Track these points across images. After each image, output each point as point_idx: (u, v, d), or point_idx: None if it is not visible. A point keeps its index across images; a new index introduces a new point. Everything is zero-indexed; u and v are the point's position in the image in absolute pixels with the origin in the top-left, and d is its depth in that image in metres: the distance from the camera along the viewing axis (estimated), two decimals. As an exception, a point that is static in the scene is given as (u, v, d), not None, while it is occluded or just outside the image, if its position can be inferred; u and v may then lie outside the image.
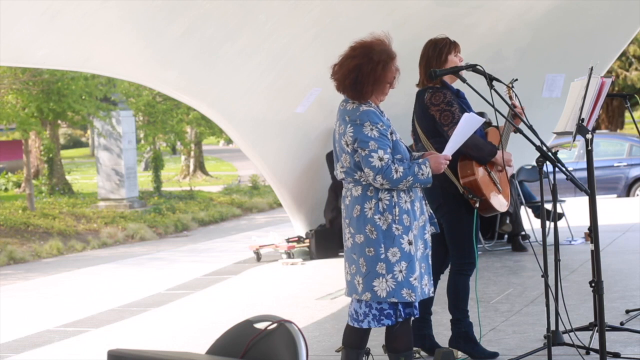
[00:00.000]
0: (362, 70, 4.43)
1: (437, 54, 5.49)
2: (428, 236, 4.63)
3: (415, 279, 4.46)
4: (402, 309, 4.51)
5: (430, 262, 4.64)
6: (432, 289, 4.68)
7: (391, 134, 4.48)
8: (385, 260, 4.43)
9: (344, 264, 4.63)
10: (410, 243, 4.46)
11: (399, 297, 4.44)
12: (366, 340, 4.66)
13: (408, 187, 4.47)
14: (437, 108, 5.38)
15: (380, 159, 4.39)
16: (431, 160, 4.52)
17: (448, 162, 4.62)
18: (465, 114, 4.86)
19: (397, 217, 4.45)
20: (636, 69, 30.39)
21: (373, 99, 4.52)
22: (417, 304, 4.55)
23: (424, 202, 4.63)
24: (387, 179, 4.39)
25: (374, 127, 4.42)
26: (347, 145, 4.48)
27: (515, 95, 5.53)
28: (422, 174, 4.46)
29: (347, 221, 4.56)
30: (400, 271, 4.43)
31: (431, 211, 4.75)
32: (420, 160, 4.52)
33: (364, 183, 4.49)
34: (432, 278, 4.68)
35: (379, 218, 4.45)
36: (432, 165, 4.50)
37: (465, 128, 4.78)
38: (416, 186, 4.50)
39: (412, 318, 4.63)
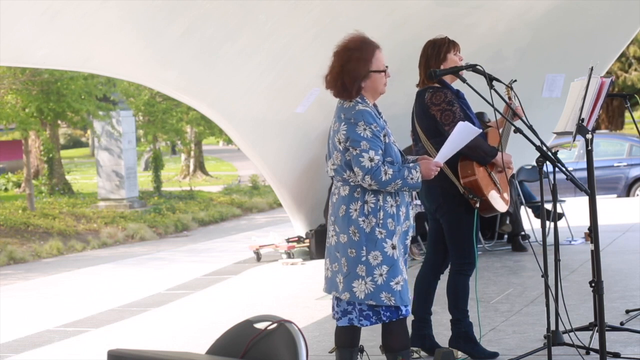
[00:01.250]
0: (342, 64, 4.42)
1: (436, 53, 5.49)
2: (408, 242, 4.62)
3: (397, 283, 4.43)
4: (383, 312, 4.46)
5: (406, 267, 4.61)
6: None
7: (384, 136, 4.45)
8: (365, 263, 4.41)
9: (325, 260, 4.61)
10: (394, 247, 4.44)
11: (377, 300, 4.42)
12: (358, 338, 4.64)
13: (396, 190, 4.45)
14: (438, 108, 5.38)
15: (371, 160, 4.36)
16: (422, 166, 4.50)
17: (439, 169, 4.61)
18: (460, 123, 4.82)
19: (381, 221, 4.42)
20: (636, 70, 30.37)
21: (367, 96, 4.49)
22: (403, 306, 4.48)
23: (410, 208, 4.60)
24: (376, 180, 4.37)
25: (368, 127, 4.39)
26: (340, 143, 4.46)
27: (515, 95, 5.53)
28: (412, 178, 4.43)
29: (333, 219, 4.55)
30: (381, 275, 4.41)
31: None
32: (411, 165, 4.49)
33: (352, 183, 4.47)
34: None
35: (363, 220, 4.42)
36: (422, 171, 4.47)
37: (459, 137, 4.75)
38: (404, 190, 4.48)
39: (406, 318, 4.58)
